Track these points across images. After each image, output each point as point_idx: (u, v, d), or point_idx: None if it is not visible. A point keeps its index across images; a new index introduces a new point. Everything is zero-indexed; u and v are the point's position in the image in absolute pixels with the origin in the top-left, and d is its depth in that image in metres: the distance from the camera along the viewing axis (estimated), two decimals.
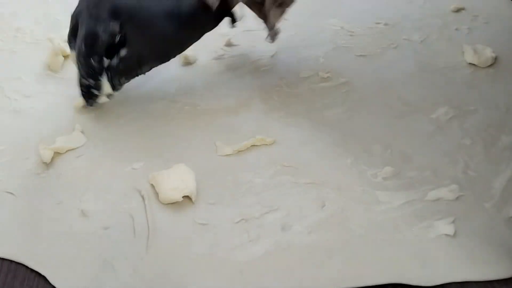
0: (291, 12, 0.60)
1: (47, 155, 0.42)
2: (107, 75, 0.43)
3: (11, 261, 0.36)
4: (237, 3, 0.45)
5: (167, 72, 0.52)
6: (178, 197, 0.39)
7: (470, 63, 0.53)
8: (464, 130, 0.45)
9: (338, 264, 0.35)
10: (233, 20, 0.48)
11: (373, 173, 0.41)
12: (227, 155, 0.43)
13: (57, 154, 0.43)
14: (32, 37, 0.57)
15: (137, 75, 0.45)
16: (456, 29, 0.58)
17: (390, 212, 0.39)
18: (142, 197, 0.40)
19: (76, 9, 0.44)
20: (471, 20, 0.59)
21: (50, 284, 0.35)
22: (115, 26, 0.41)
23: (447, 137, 0.45)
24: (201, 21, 0.44)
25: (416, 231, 0.37)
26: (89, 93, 0.45)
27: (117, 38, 0.42)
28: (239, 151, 0.43)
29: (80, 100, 0.46)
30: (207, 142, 0.44)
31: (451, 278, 0.35)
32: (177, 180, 0.39)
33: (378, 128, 0.46)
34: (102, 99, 0.45)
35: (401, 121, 0.46)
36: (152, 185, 0.40)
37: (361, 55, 0.54)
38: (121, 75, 0.44)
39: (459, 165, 0.42)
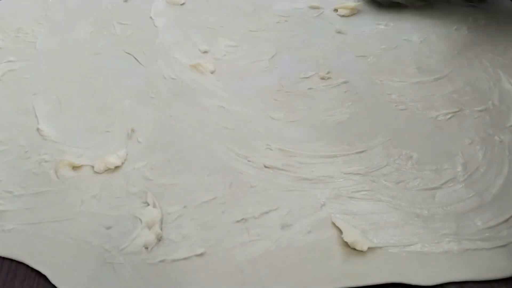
0: (291, 12, 0.61)
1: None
2: None
3: (11, 260, 0.36)
4: None
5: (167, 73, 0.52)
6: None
7: None
8: (464, 130, 0.45)
9: (338, 263, 0.35)
10: None
11: (373, 173, 0.41)
12: (228, 155, 0.43)
13: None
14: (33, 36, 0.57)
15: None
16: (456, 29, 0.58)
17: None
18: (143, 197, 0.40)
19: None
20: (470, 20, 0.59)
21: (50, 283, 0.35)
22: None
23: (447, 137, 0.45)
24: None
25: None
26: None
27: None
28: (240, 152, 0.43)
29: None
30: (207, 142, 0.44)
31: (451, 278, 0.35)
32: None
33: (378, 128, 0.46)
34: None
35: (401, 121, 0.46)
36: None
37: (361, 55, 0.54)
38: None
39: (458, 164, 0.42)
